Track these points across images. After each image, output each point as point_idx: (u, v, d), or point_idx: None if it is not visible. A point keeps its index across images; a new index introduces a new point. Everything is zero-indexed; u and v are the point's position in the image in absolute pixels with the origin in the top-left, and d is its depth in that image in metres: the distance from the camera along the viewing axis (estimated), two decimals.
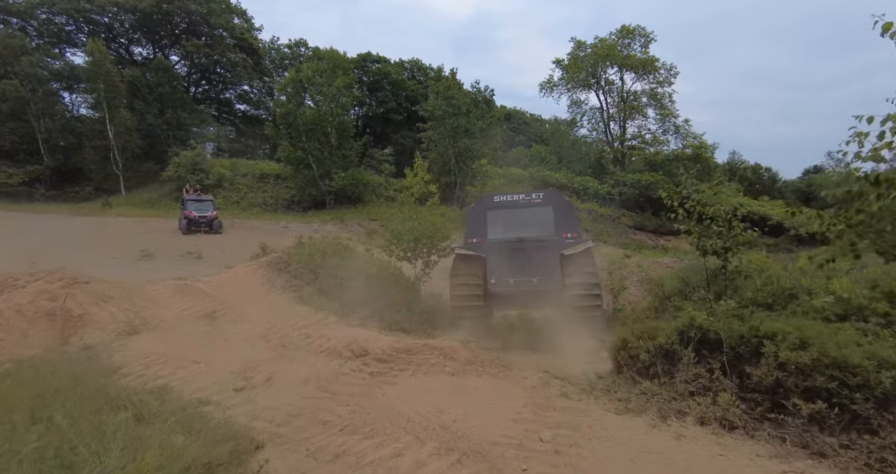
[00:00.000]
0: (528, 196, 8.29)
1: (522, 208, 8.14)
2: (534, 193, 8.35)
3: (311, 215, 30.12)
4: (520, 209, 8.14)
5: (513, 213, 8.12)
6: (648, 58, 35.54)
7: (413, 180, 9.06)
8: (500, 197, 8.36)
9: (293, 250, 9.50)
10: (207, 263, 17.01)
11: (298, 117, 29.99)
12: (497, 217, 8.07)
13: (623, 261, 20.88)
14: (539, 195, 8.26)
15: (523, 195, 8.33)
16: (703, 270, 10.54)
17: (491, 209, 8.17)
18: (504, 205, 8.18)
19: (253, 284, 8.39)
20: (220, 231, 23.51)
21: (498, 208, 8.16)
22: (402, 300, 8.22)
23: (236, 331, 6.49)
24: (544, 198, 8.20)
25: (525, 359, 6.02)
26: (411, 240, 8.71)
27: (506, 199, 8.25)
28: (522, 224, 7.97)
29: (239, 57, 41.70)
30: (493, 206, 8.20)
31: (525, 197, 8.28)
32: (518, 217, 8.07)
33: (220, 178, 33.01)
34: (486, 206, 8.24)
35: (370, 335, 6.55)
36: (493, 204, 8.25)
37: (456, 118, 31.09)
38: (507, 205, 8.17)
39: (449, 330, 7.91)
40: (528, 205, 8.16)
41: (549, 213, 8.03)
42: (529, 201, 8.19)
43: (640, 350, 4.86)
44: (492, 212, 8.14)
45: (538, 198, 8.19)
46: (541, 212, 8.06)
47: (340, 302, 8.15)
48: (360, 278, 8.79)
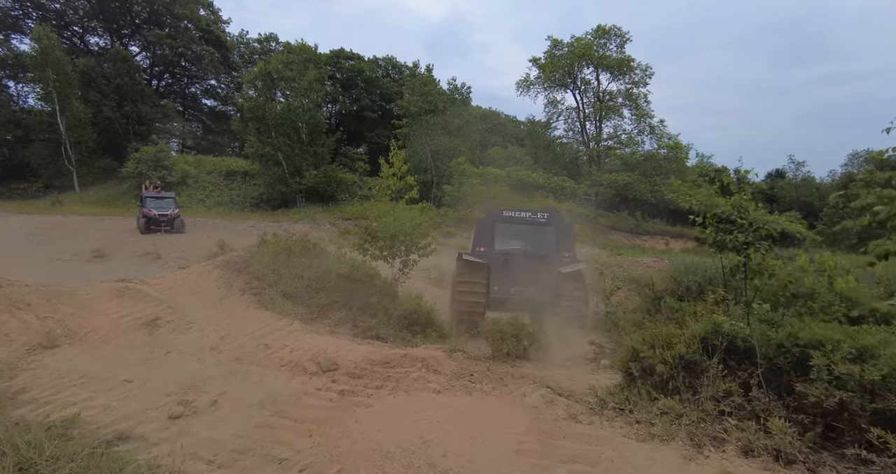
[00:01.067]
0: (535, 214, 8.84)
1: (528, 224, 8.71)
2: (539, 212, 8.93)
3: (281, 214, 28.83)
4: (526, 225, 8.72)
5: (519, 228, 8.73)
6: (624, 58, 35.62)
7: (389, 172, 8.24)
8: (509, 211, 8.83)
9: (255, 249, 8.54)
10: (167, 264, 15.75)
11: (267, 111, 28.67)
12: (505, 230, 8.66)
13: (606, 260, 20.57)
14: (544, 214, 8.84)
15: (530, 213, 8.87)
16: (696, 269, 10.11)
17: (500, 222, 8.68)
18: (512, 220, 8.70)
19: (207, 287, 7.41)
20: (182, 230, 22.09)
21: (506, 222, 8.69)
22: (378, 303, 7.40)
23: (182, 342, 5.54)
24: (549, 217, 8.77)
25: (519, 370, 5.29)
26: (388, 238, 7.89)
27: (514, 215, 8.76)
28: (527, 239, 8.69)
29: (205, 50, 39.84)
30: (502, 220, 8.69)
31: (531, 214, 8.83)
32: (524, 232, 8.71)
33: (184, 175, 31.37)
34: (496, 219, 8.72)
35: (341, 344, 5.70)
36: (502, 217, 8.72)
37: (433, 115, 30.33)
38: (514, 220, 8.70)
39: (431, 336, 7.13)
40: (533, 222, 8.71)
41: (551, 232, 8.68)
42: (535, 219, 8.73)
43: (654, 360, 4.19)
44: (500, 224, 8.67)
45: (542, 217, 8.76)
46: (544, 230, 8.68)
47: (307, 306, 7.26)
48: (330, 279, 7.91)
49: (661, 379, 4.07)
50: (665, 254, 26.04)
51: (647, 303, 9.52)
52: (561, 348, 7.00)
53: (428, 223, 8.30)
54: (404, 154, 8.29)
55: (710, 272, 9.60)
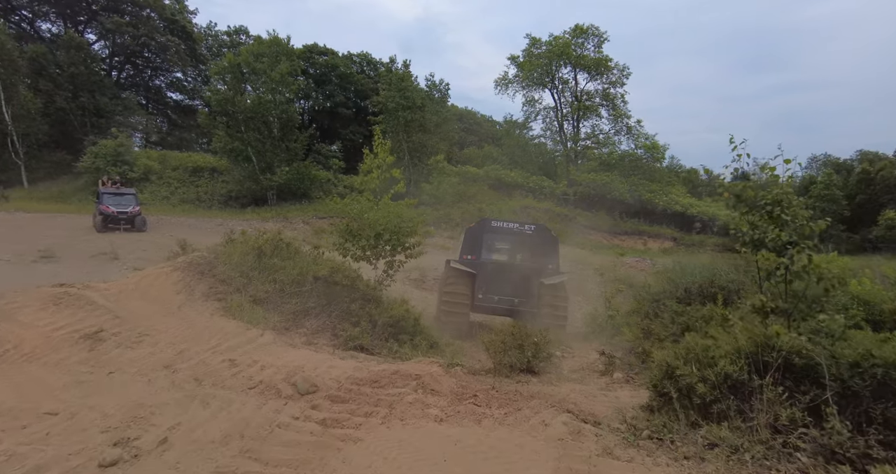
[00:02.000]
0: (522, 226, 9.19)
1: (516, 236, 9.05)
2: (527, 225, 9.28)
3: (251, 212, 27.52)
4: (513, 236, 9.06)
5: (507, 239, 9.10)
6: (602, 57, 35.60)
7: (373, 163, 7.46)
8: (497, 223, 9.22)
9: (221, 249, 7.62)
10: (125, 265, 14.49)
11: (237, 105, 27.28)
12: (492, 240, 9.02)
13: (587, 260, 20.23)
14: (531, 227, 9.21)
15: (517, 224, 9.23)
16: (693, 270, 9.68)
17: (488, 232, 9.01)
18: (500, 231, 9.05)
19: (164, 292, 6.48)
20: (143, 229, 20.66)
21: (494, 232, 9.03)
22: (361, 310, 6.63)
23: (129, 359, 4.64)
24: (535, 230, 9.12)
25: (528, 388, 4.63)
26: (371, 237, 7.12)
27: (502, 226, 9.10)
28: (513, 250, 9.08)
29: (170, 40, 37.89)
30: (491, 230, 9.03)
31: (519, 226, 9.16)
32: (511, 243, 9.09)
33: (146, 171, 29.68)
34: (485, 229, 9.01)
35: (320, 359, 4.92)
36: (490, 228, 9.06)
37: (410, 111, 29.51)
38: (502, 231, 9.05)
39: (421, 346, 6.40)
40: (521, 233, 9.05)
41: (537, 244, 8.99)
42: (523, 231, 9.08)
43: (692, 378, 3.59)
44: (488, 235, 9.01)
45: (530, 230, 9.10)
46: (530, 243, 9.01)
47: (280, 313, 6.43)
48: (306, 283, 7.09)
49: (702, 401, 3.47)
50: (644, 253, 26.02)
51: (646, 306, 9.04)
52: (565, 358, 6.39)
53: (416, 220, 7.57)
54: (390, 144, 7.52)
55: (706, 273, 9.20)
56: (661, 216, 32.16)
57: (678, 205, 32.03)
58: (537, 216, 29.13)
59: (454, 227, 25.40)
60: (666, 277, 9.78)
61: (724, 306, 7.04)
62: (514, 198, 31.28)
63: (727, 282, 8.43)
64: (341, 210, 7.32)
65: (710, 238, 30.40)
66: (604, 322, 7.73)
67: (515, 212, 28.54)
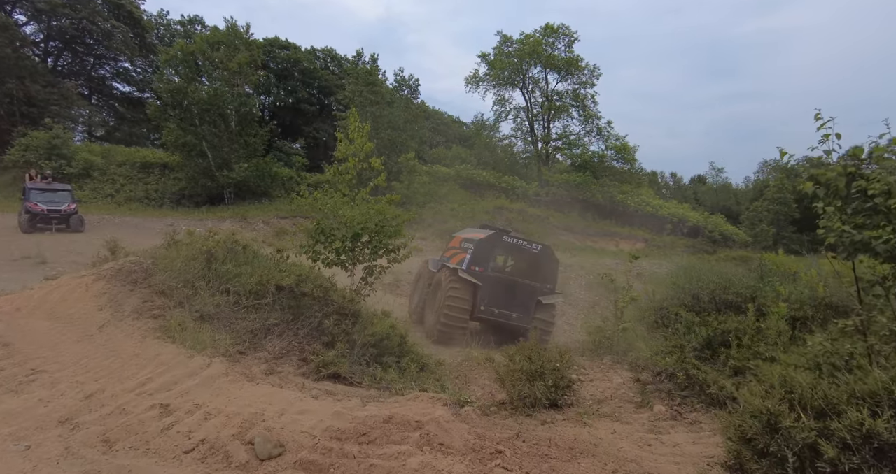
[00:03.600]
0: (530, 245, 9.40)
1: (523, 253, 9.33)
2: (534, 244, 9.48)
3: (206, 211, 25.46)
4: (521, 253, 9.35)
5: (514, 256, 9.52)
6: (572, 57, 35.35)
7: (347, 150, 6.26)
8: (509, 239, 9.30)
9: (161, 252, 6.22)
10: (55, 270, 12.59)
11: (190, 96, 25.16)
12: (501, 255, 9.44)
13: (566, 261, 19.51)
14: (538, 246, 9.41)
15: (526, 242, 9.43)
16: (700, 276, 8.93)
17: (499, 247, 9.24)
18: (509, 247, 9.32)
19: (82, 308, 5.06)
20: (80, 229, 18.49)
21: (504, 248, 9.31)
22: (336, 327, 5.41)
23: (6, 412, 3.29)
24: (541, 250, 9.34)
25: (560, 432, 3.58)
26: (348, 237, 5.92)
27: (513, 242, 9.27)
28: (519, 267, 9.42)
29: (116, 27, 34.99)
30: (502, 246, 9.24)
31: (527, 244, 9.40)
32: (517, 260, 9.48)
33: (87, 166, 27.05)
34: (496, 244, 9.19)
35: (287, 399, 3.70)
36: (501, 243, 9.20)
37: (378, 107, 28.17)
38: (511, 248, 9.33)
39: (410, 370, 5.25)
40: (528, 251, 9.30)
41: (540, 264, 9.27)
42: (530, 249, 9.32)
43: (806, 433, 2.63)
44: (499, 250, 9.30)
45: (536, 249, 9.33)
46: (535, 262, 9.27)
47: (235, 332, 5.13)
48: (267, 294, 5.82)
49: (834, 470, 2.51)
50: (617, 254, 25.70)
51: (652, 315, 8.22)
52: (582, 381, 5.40)
53: (401, 217, 6.40)
54: (368, 127, 6.34)
55: (717, 279, 8.46)
56: (632, 217, 32.12)
57: (649, 207, 32.07)
58: (511, 217, 28.41)
59: (426, 228, 24.27)
60: (671, 283, 9.03)
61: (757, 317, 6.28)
62: (487, 198, 30.47)
63: (742, 289, 7.70)
64: (310, 206, 6.08)
65: (680, 239, 30.56)
66: (613, 335, 6.80)
67: (489, 212, 27.70)
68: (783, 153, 3.76)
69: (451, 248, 10.49)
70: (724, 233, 31.88)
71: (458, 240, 10.45)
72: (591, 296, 15.78)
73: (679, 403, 4.50)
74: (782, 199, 44.10)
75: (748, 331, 5.91)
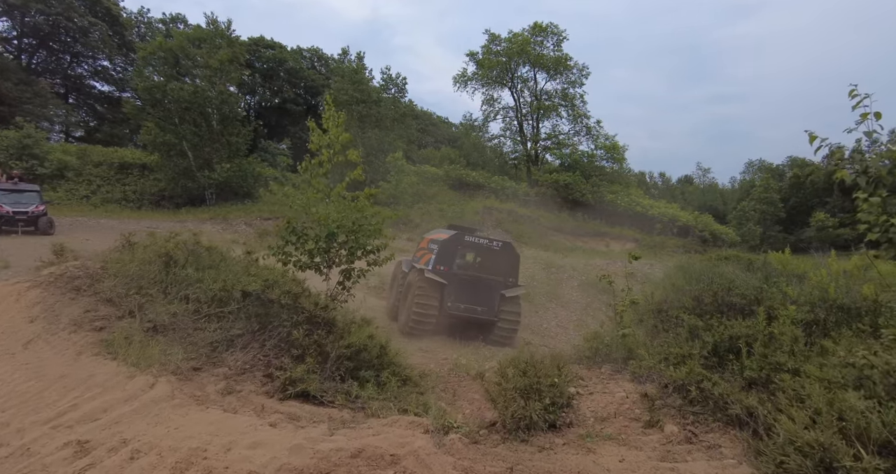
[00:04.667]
0: (492, 242, 9.88)
1: (485, 250, 9.80)
2: (496, 241, 9.94)
3: (186, 213, 24.60)
4: (483, 250, 9.82)
5: (476, 254, 9.94)
6: (561, 56, 35.04)
7: (321, 141, 5.67)
8: (471, 238, 9.76)
9: (115, 255, 5.58)
10: (17, 275, 11.80)
11: (169, 93, 24.30)
12: (463, 254, 9.84)
13: (557, 263, 19.07)
14: (499, 243, 9.91)
15: (487, 240, 9.87)
16: (702, 276, 8.48)
17: (461, 246, 9.70)
18: (472, 246, 9.78)
19: (9, 320, 4.41)
20: (50, 231, 17.57)
21: (466, 247, 9.77)
22: (307, 338, 4.82)
23: None
24: (502, 247, 9.82)
25: (561, 461, 3.04)
26: (322, 238, 5.34)
27: (475, 241, 9.72)
28: (482, 264, 9.87)
29: (93, 23, 33.94)
30: (464, 244, 9.70)
31: (489, 242, 9.85)
32: (480, 257, 9.92)
33: (61, 167, 26.06)
34: (458, 243, 9.65)
35: (238, 428, 3.11)
36: (463, 242, 9.68)
37: (365, 105, 27.54)
38: (474, 247, 9.79)
39: (391, 386, 4.68)
40: (490, 249, 9.78)
41: (502, 260, 9.75)
42: (491, 247, 9.78)
43: None
44: (461, 248, 9.74)
45: (497, 246, 9.81)
46: (497, 258, 9.75)
47: (191, 346, 4.52)
48: (231, 301, 5.21)
49: None
50: (607, 255, 25.34)
51: (651, 318, 7.74)
52: (581, 395, 4.87)
53: (382, 215, 5.83)
54: (344, 116, 5.76)
55: (720, 279, 8.03)
56: (622, 217, 31.84)
57: (639, 207, 31.81)
58: (500, 217, 27.93)
59: (413, 229, 23.69)
60: (670, 284, 8.58)
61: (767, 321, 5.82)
62: (476, 198, 29.97)
63: (747, 291, 7.24)
64: (280, 202, 5.49)
65: (670, 239, 30.33)
66: (612, 341, 6.29)
67: (478, 213, 27.20)
68: (812, 137, 3.26)
69: (420, 249, 11.08)
70: (714, 233, 31.74)
71: (426, 241, 10.93)
72: (583, 298, 15.35)
73: (692, 422, 3.99)
74: (769, 199, 44.40)
75: (759, 337, 5.44)
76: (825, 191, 47.33)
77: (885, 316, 5.55)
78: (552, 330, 13.63)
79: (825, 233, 39.25)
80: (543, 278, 16.76)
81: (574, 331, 13.51)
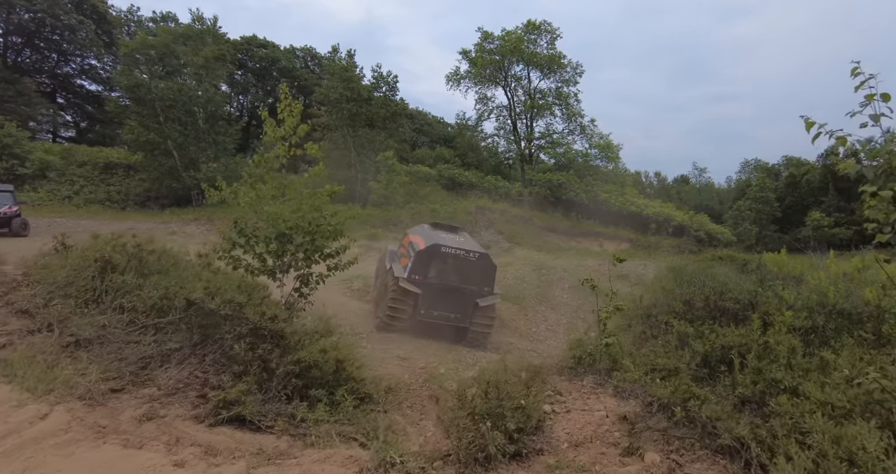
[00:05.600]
0: (468, 253, 9.86)
1: (461, 261, 9.80)
2: (472, 252, 9.91)
3: (171, 213, 24.04)
4: (458, 261, 9.80)
5: (452, 264, 9.83)
6: (555, 54, 34.58)
7: (275, 134, 5.17)
8: (446, 248, 9.75)
9: (41, 260, 5.06)
10: None
11: (153, 91, 23.74)
12: (439, 263, 9.78)
13: (548, 264, 18.59)
14: (476, 254, 9.91)
15: (464, 251, 9.85)
16: (693, 278, 8.01)
17: (436, 256, 9.69)
18: (446, 256, 9.76)
19: None
20: (23, 233, 17.01)
21: (442, 257, 9.74)
22: (250, 352, 4.31)
23: None
24: (479, 257, 9.88)
25: None
26: (272, 239, 4.83)
27: (450, 251, 9.74)
28: (457, 273, 9.84)
29: (80, 21, 33.32)
30: (439, 255, 9.70)
31: (465, 253, 9.84)
32: (455, 267, 9.83)
33: (43, 167, 25.45)
34: (433, 254, 9.67)
35: (132, 469, 2.60)
36: (439, 253, 9.69)
37: (356, 104, 27.01)
38: (448, 257, 9.77)
39: (345, 407, 4.18)
40: (465, 259, 9.81)
41: (477, 270, 9.85)
42: (468, 258, 9.82)
43: None
44: (436, 259, 9.72)
45: (474, 257, 9.85)
46: (471, 268, 9.83)
47: (117, 363, 4.01)
48: (172, 310, 4.70)
49: None
50: (601, 255, 24.90)
51: (639, 324, 7.26)
52: (556, 413, 4.38)
53: (344, 215, 5.32)
54: (300, 107, 5.25)
55: (712, 282, 7.56)
56: (616, 217, 31.40)
57: (633, 206, 31.37)
58: (493, 217, 27.43)
59: (404, 229, 23.18)
60: (660, 288, 8.11)
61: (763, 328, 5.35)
62: (469, 198, 29.48)
63: (741, 294, 6.77)
64: (227, 200, 4.99)
65: (665, 239, 29.89)
66: (596, 350, 5.81)
67: (470, 213, 26.71)
68: (810, 123, 2.77)
69: (402, 246, 11.17)
70: (710, 233, 31.32)
71: (407, 240, 10.88)
72: (574, 300, 14.87)
73: (677, 448, 3.50)
74: (764, 199, 44.12)
75: (753, 347, 4.96)
76: (821, 190, 47.18)
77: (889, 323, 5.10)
78: (541, 333, 13.15)
79: (821, 233, 39.00)
80: (534, 280, 16.27)
81: (564, 334, 13.03)
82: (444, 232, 11.07)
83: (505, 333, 12.30)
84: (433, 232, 10.76)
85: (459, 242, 10.33)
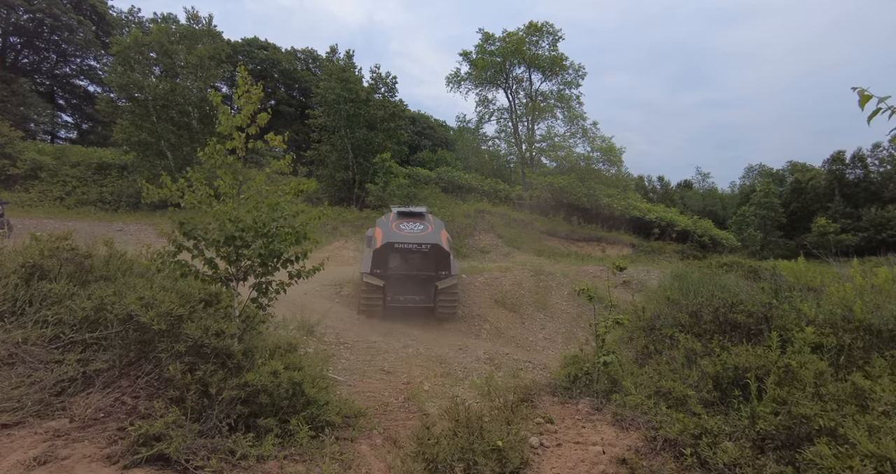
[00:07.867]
0: (420, 246, 10.95)
1: (414, 253, 11.04)
2: (424, 244, 10.96)
3: (161, 215, 23.51)
4: (412, 253, 11.05)
5: (406, 256, 11.12)
6: (556, 56, 34.00)
7: (230, 124, 4.57)
8: (399, 244, 10.88)
9: None
10: None
11: (145, 90, 23.28)
12: (395, 258, 11.09)
13: (548, 269, 17.92)
14: (427, 246, 10.97)
15: (416, 244, 10.95)
16: (699, 288, 7.38)
17: (391, 252, 10.92)
18: (401, 250, 10.96)
19: None
20: (6, 235, 16.46)
21: (396, 252, 10.97)
22: (189, 374, 3.70)
23: None
24: (430, 249, 10.99)
25: None
26: (220, 242, 4.23)
27: (403, 246, 10.90)
28: (413, 263, 11.16)
29: (81, 22, 33.02)
30: (394, 250, 10.91)
31: (417, 245, 10.95)
32: (410, 259, 11.14)
33: (35, 167, 25.02)
34: (388, 250, 10.88)
35: None
36: (393, 249, 10.88)
37: (354, 104, 26.48)
38: (403, 250, 10.97)
39: (300, 435, 3.56)
40: (418, 251, 11.01)
41: (431, 259, 11.13)
42: (420, 249, 10.99)
43: None
44: (392, 254, 10.98)
45: (426, 248, 10.98)
46: (425, 258, 11.12)
47: (23, 388, 3.41)
48: (106, 324, 4.10)
49: None
50: (603, 260, 24.22)
51: (642, 339, 6.63)
52: (545, 447, 3.74)
53: (311, 216, 4.71)
54: (261, 91, 4.66)
55: (723, 293, 6.93)
56: (618, 221, 30.71)
57: (636, 210, 30.67)
58: (493, 221, 26.79)
59: None
60: (663, 297, 7.47)
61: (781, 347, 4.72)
62: (469, 201, 28.87)
63: (754, 307, 6.12)
64: (169, 198, 4.39)
65: (669, 244, 29.18)
66: (593, 368, 5.17)
67: (469, 216, 26.07)
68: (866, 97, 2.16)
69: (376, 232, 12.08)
70: (714, 238, 30.59)
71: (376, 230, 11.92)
72: (573, 308, 14.20)
73: None
74: (769, 204, 43.38)
75: (773, 370, 4.32)
76: (826, 196, 46.43)
77: None
78: (539, 343, 12.50)
79: (826, 239, 38.26)
80: (532, 286, 15.60)
81: (563, 344, 12.39)
82: (407, 220, 11.93)
83: (500, 342, 11.67)
84: (394, 222, 11.75)
85: (416, 234, 11.28)
